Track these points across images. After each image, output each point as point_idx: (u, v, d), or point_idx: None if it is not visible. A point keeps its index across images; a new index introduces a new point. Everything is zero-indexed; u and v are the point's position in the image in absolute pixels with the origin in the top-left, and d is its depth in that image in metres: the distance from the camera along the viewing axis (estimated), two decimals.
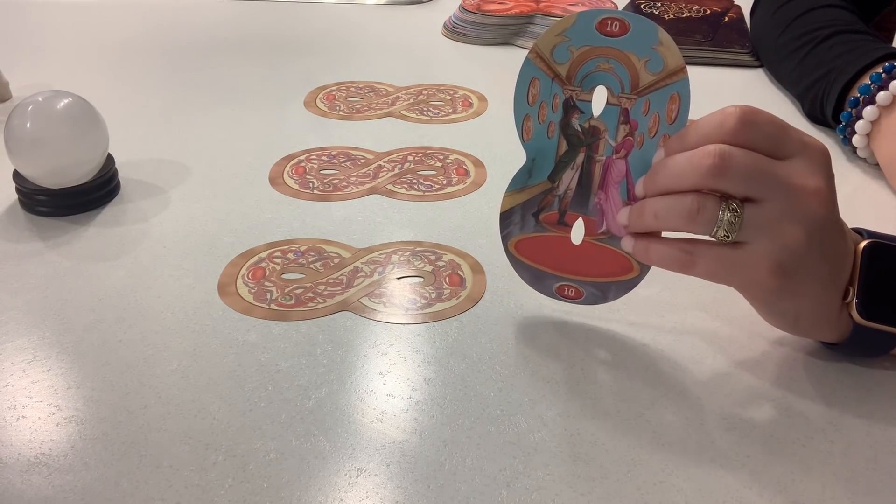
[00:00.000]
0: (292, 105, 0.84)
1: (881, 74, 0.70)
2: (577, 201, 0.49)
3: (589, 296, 0.52)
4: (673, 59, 0.44)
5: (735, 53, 0.96)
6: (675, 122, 0.45)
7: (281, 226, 0.63)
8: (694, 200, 0.43)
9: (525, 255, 0.51)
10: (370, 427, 0.45)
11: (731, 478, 0.42)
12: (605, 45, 0.45)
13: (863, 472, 0.43)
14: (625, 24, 0.45)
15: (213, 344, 0.51)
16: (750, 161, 0.42)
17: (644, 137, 0.46)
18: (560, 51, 0.46)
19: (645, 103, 0.46)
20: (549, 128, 0.48)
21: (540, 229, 0.50)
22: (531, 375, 0.49)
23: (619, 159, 0.47)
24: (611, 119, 0.47)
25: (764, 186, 0.42)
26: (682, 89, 0.45)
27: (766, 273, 0.43)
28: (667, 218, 0.44)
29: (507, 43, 1.03)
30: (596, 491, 0.41)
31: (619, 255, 0.49)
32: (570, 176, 0.48)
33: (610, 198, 0.48)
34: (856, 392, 0.48)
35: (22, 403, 0.46)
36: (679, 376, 0.49)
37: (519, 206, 0.50)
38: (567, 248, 0.50)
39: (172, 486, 0.41)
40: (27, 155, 0.63)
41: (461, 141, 0.76)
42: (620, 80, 0.46)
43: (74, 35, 1.04)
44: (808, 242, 0.42)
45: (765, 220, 0.42)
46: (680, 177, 0.43)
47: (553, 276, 0.52)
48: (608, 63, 0.46)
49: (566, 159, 0.48)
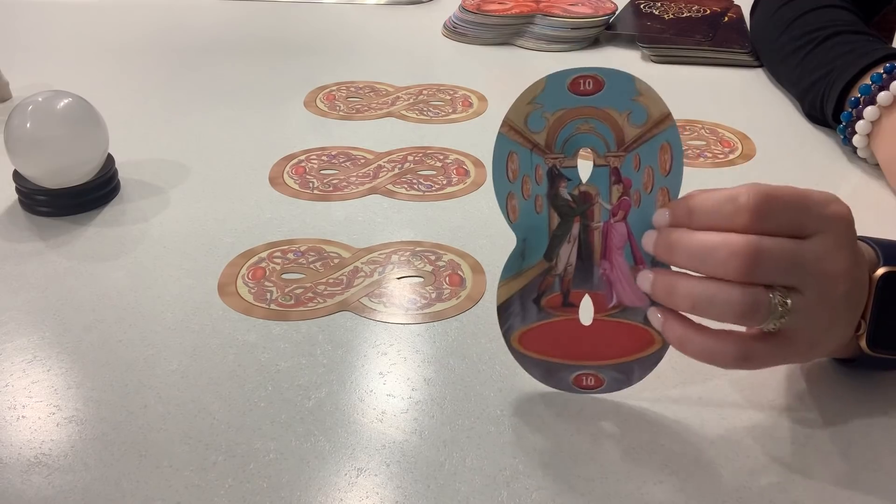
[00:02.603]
0: (292, 105, 0.84)
1: (882, 75, 0.70)
2: (581, 277, 0.44)
3: (611, 381, 0.47)
4: (656, 108, 0.42)
5: (735, 53, 0.95)
6: (671, 173, 0.42)
7: (281, 226, 0.63)
8: (745, 297, 0.39)
9: (532, 349, 0.46)
10: (370, 427, 0.45)
11: (731, 478, 0.42)
12: (582, 106, 0.42)
13: (863, 472, 0.43)
14: (599, 81, 0.41)
15: (213, 344, 0.51)
16: (779, 253, 0.39)
17: (641, 194, 0.43)
18: (535, 119, 0.42)
19: (635, 158, 0.42)
20: (535, 202, 0.44)
21: (544, 316, 0.45)
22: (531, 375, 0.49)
23: (619, 222, 0.43)
24: (602, 181, 0.43)
25: (799, 276, 0.40)
26: (672, 137, 0.42)
27: (803, 354, 0.43)
28: (710, 310, 0.40)
29: (507, 43, 1.03)
30: (596, 491, 0.41)
31: (636, 329, 0.45)
32: (567, 251, 0.44)
33: (616, 266, 0.44)
34: (856, 392, 0.48)
35: (22, 403, 0.46)
36: (679, 377, 0.49)
37: (517, 295, 0.45)
38: (578, 332, 0.45)
39: (172, 486, 0.41)
40: (27, 155, 0.63)
41: (461, 141, 0.76)
42: (604, 139, 0.42)
43: (74, 35, 1.04)
44: (834, 318, 0.42)
45: (804, 309, 0.40)
46: (706, 264, 0.40)
47: (568, 367, 0.46)
48: (588, 123, 0.42)
49: (560, 233, 0.44)
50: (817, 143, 0.77)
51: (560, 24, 1.00)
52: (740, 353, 0.41)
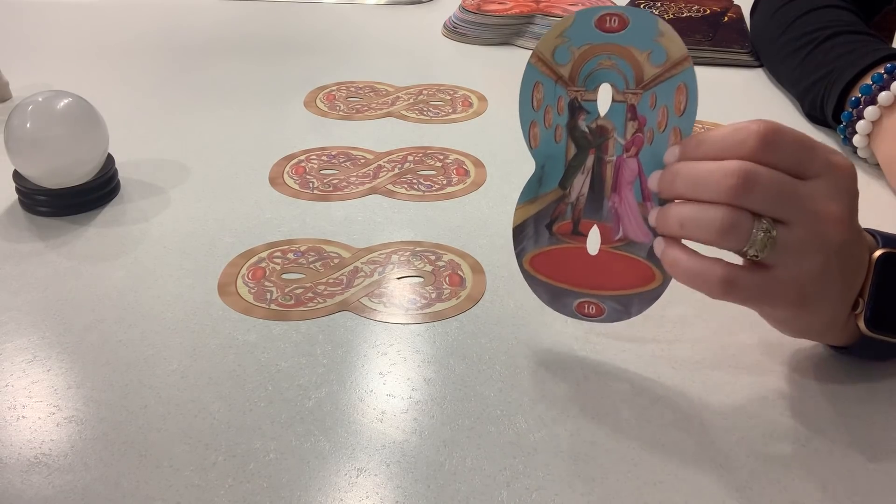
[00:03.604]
0: (292, 105, 0.84)
1: (883, 75, 0.70)
2: (591, 207, 0.47)
3: (611, 311, 0.49)
4: (676, 50, 0.43)
5: (735, 53, 0.96)
6: (685, 114, 0.44)
7: (281, 226, 0.63)
8: (726, 215, 0.40)
9: (542, 272, 0.49)
10: (370, 427, 0.45)
11: (731, 478, 0.42)
12: (606, 42, 0.44)
13: (863, 472, 0.43)
14: (624, 19, 0.44)
15: (213, 344, 0.51)
16: (774, 182, 0.40)
17: (654, 132, 0.44)
18: (561, 52, 0.45)
19: (651, 97, 0.44)
20: (556, 132, 0.46)
21: (555, 241, 0.48)
22: (531, 375, 0.49)
23: (631, 158, 0.45)
24: (618, 117, 0.45)
25: (789, 209, 0.41)
26: (689, 79, 0.43)
27: (791, 299, 0.42)
28: (693, 229, 0.42)
29: (507, 43, 1.03)
30: (596, 491, 0.41)
31: (639, 264, 0.47)
32: (581, 181, 0.47)
33: (624, 200, 0.46)
34: (856, 392, 0.48)
35: (22, 403, 0.46)
36: (679, 376, 0.49)
37: (532, 219, 0.48)
38: (584, 260, 0.48)
39: (172, 486, 0.41)
40: (27, 155, 0.63)
41: (461, 141, 0.76)
42: (624, 76, 0.44)
43: (74, 35, 1.04)
44: (826, 268, 0.42)
45: (791, 244, 0.41)
46: (700, 187, 0.41)
47: (572, 293, 0.49)
48: (610, 59, 0.44)
49: (576, 163, 0.46)
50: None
51: None
52: (726, 277, 0.41)
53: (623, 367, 0.49)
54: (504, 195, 0.68)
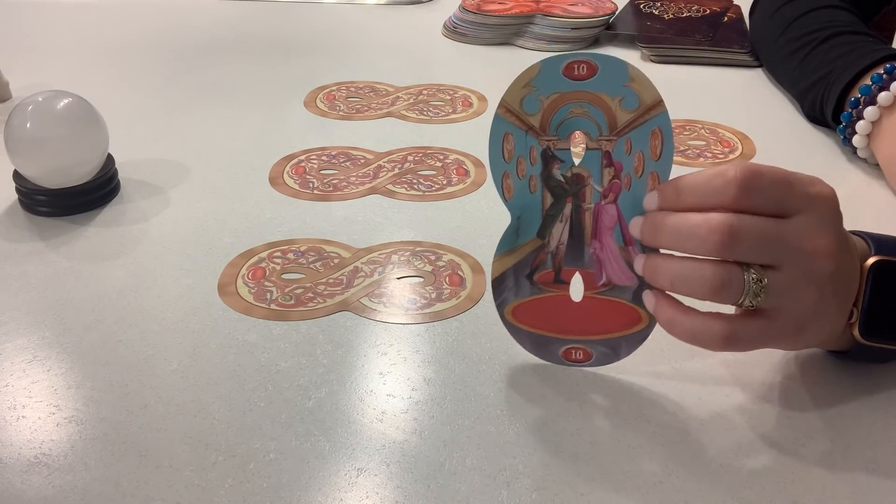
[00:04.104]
0: (292, 105, 0.84)
1: (882, 75, 0.70)
2: (572, 255, 0.46)
3: (599, 356, 0.48)
4: (648, 94, 0.43)
5: (734, 53, 0.96)
6: (662, 158, 0.43)
7: (281, 226, 0.63)
8: (717, 272, 0.40)
9: (524, 322, 0.48)
10: (370, 427, 0.45)
11: (731, 478, 0.42)
12: (575, 90, 0.43)
13: (863, 472, 0.43)
14: (592, 66, 0.43)
15: (213, 344, 0.51)
16: (759, 230, 0.40)
17: (631, 178, 0.44)
18: (529, 101, 0.44)
19: (626, 143, 0.44)
20: (530, 182, 0.45)
21: (536, 291, 0.47)
22: (531, 375, 0.49)
23: (609, 204, 0.45)
24: (593, 164, 0.44)
25: (776, 253, 0.41)
26: (663, 123, 0.43)
27: (791, 335, 0.43)
28: (684, 286, 0.42)
29: (507, 43, 1.03)
30: (596, 491, 0.41)
31: (624, 307, 0.46)
32: (559, 229, 0.46)
33: (606, 246, 0.46)
34: (856, 392, 0.48)
35: (22, 403, 0.46)
36: (679, 376, 0.49)
37: (511, 270, 0.47)
38: (568, 308, 0.47)
39: (172, 486, 0.41)
40: (27, 155, 0.63)
41: (461, 141, 0.76)
42: (597, 123, 0.44)
43: (74, 35, 1.04)
44: (822, 300, 0.42)
45: (784, 286, 0.41)
46: (686, 242, 0.41)
47: (557, 340, 0.48)
48: (581, 107, 0.44)
49: (553, 212, 0.46)
50: (817, 143, 0.77)
51: (560, 24, 1.00)
52: (726, 332, 0.41)
53: (623, 368, 0.49)
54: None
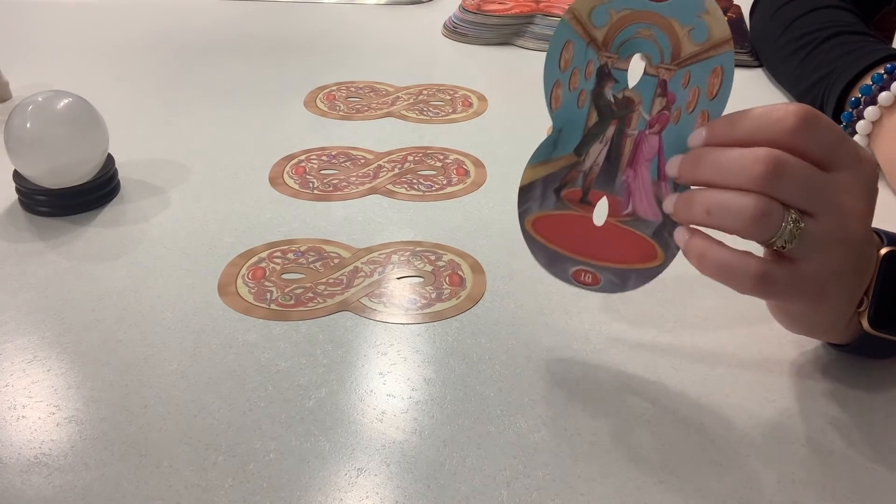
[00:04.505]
0: (292, 105, 0.84)
1: (883, 75, 0.70)
2: (603, 178, 0.45)
3: (606, 283, 0.48)
4: (719, 30, 0.41)
5: (735, 53, 0.95)
6: (717, 98, 0.42)
7: (281, 226, 0.63)
8: (759, 202, 0.39)
9: (542, 235, 0.47)
10: (370, 427, 0.45)
11: (731, 478, 0.42)
12: (648, 10, 0.42)
13: (863, 472, 0.43)
14: None
15: (213, 344, 0.51)
16: (804, 173, 0.40)
17: (681, 112, 0.43)
18: (599, 13, 0.42)
19: (685, 75, 0.42)
20: (579, 96, 0.44)
21: (561, 206, 0.46)
22: (531, 375, 0.49)
23: (653, 135, 0.44)
24: (647, 90, 0.43)
25: (816, 201, 0.40)
26: (727, 62, 0.42)
27: (813, 294, 0.42)
28: (722, 217, 0.40)
29: (507, 43, 1.03)
30: (596, 491, 0.41)
31: (642, 240, 0.46)
32: (597, 150, 0.45)
33: (639, 176, 0.44)
34: (855, 392, 0.48)
35: (22, 403, 0.46)
36: (679, 376, 0.49)
37: (540, 181, 0.46)
38: (588, 229, 0.47)
39: (172, 486, 0.41)
40: (27, 155, 0.63)
41: (461, 141, 0.76)
42: (661, 49, 0.42)
43: (74, 35, 1.04)
44: (846, 264, 0.42)
45: (817, 236, 0.40)
46: (727, 174, 0.40)
47: (570, 260, 0.48)
48: (649, 29, 0.42)
49: (595, 132, 0.45)
50: None
51: None
52: (760, 271, 0.40)
53: (623, 367, 0.49)
54: (504, 195, 0.68)
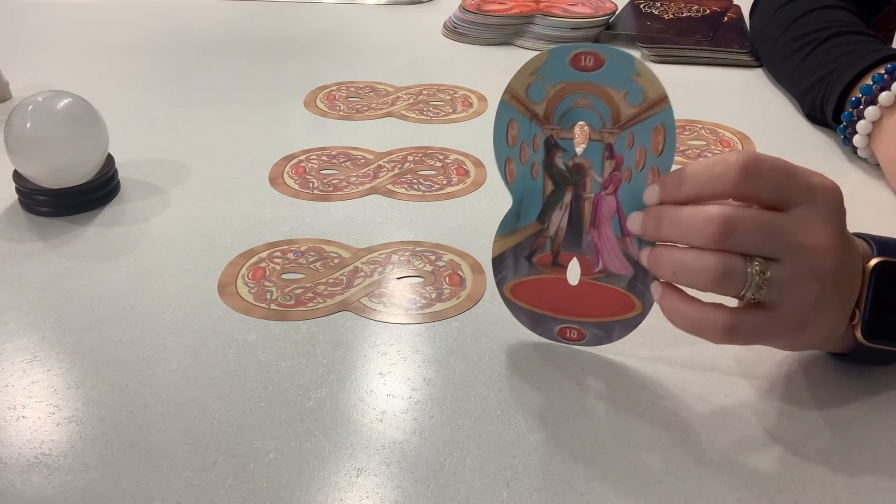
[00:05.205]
0: (292, 105, 0.84)
1: (883, 75, 0.70)
2: (570, 241, 0.47)
3: (592, 337, 0.49)
4: (653, 90, 0.42)
5: (734, 53, 0.95)
6: (663, 154, 0.43)
7: (281, 226, 0.63)
8: (719, 262, 0.40)
9: (522, 300, 0.50)
10: (370, 427, 0.45)
11: (731, 478, 0.42)
12: (581, 81, 0.44)
13: (863, 472, 0.43)
14: (599, 58, 0.43)
15: (213, 344, 0.51)
16: (756, 223, 0.40)
17: (632, 171, 0.44)
18: (535, 89, 0.44)
19: (629, 136, 0.44)
20: (532, 168, 0.46)
21: (535, 272, 0.48)
22: (531, 375, 0.49)
23: (609, 195, 0.45)
24: (595, 155, 0.45)
25: (776, 246, 0.41)
26: (667, 120, 0.43)
27: (792, 331, 0.43)
28: (686, 277, 0.42)
29: (507, 43, 1.03)
30: (596, 491, 0.41)
31: (618, 294, 0.47)
32: (559, 216, 0.47)
33: (603, 235, 0.46)
34: (856, 392, 0.48)
35: (22, 403, 0.46)
36: (679, 376, 0.49)
37: (511, 250, 0.48)
38: (565, 290, 0.48)
39: (172, 486, 0.41)
40: (27, 155, 0.63)
41: (461, 141, 0.76)
42: (601, 115, 0.44)
43: (74, 35, 1.04)
44: (823, 295, 0.42)
45: (786, 280, 0.41)
46: (685, 234, 0.41)
47: (553, 319, 0.49)
48: (586, 98, 0.44)
49: (554, 199, 0.46)
50: (817, 143, 0.77)
51: (560, 24, 1.00)
52: (728, 322, 0.41)
53: (623, 368, 0.49)
54: (504, 195, 0.67)
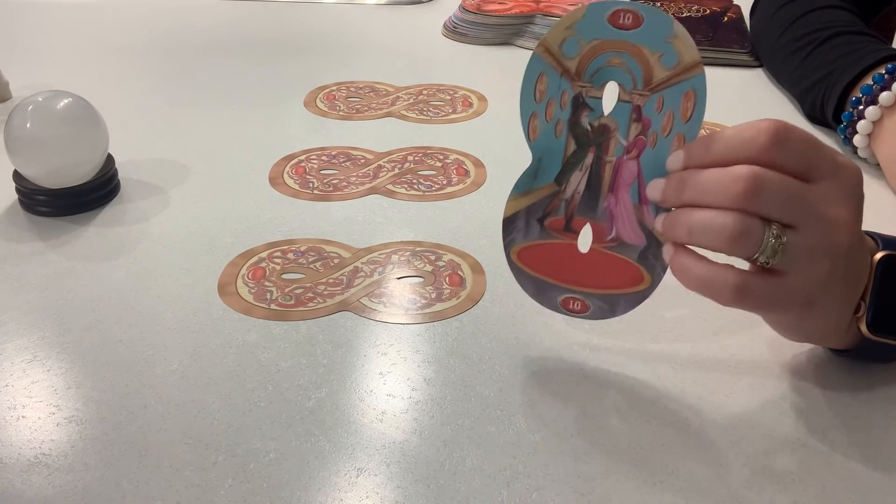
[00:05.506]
0: (292, 105, 0.84)
1: (884, 75, 0.70)
2: (585, 206, 0.46)
3: (596, 309, 0.48)
4: (688, 54, 0.42)
5: (734, 53, 0.95)
6: (691, 120, 0.43)
7: (281, 226, 0.63)
8: (737, 221, 0.39)
9: (528, 265, 0.48)
10: (370, 427, 0.45)
11: (731, 478, 0.42)
12: (617, 39, 0.43)
13: (863, 472, 0.43)
14: (638, 17, 0.42)
15: (213, 344, 0.51)
16: (783, 187, 0.40)
17: (657, 136, 0.43)
18: (570, 45, 0.43)
19: (658, 100, 0.43)
20: (556, 126, 0.45)
21: (545, 236, 0.47)
22: (531, 375, 0.49)
23: (631, 160, 0.44)
24: (622, 117, 0.44)
25: (798, 214, 0.40)
26: (699, 85, 0.42)
27: (799, 304, 0.42)
28: (703, 236, 0.41)
29: (507, 43, 1.03)
30: (596, 491, 0.41)
31: (628, 265, 0.46)
32: (577, 178, 0.45)
33: (620, 201, 0.45)
34: (856, 392, 0.48)
35: (22, 403, 0.46)
36: (679, 376, 0.49)
37: (523, 211, 0.47)
38: (573, 257, 0.47)
39: (172, 486, 0.41)
40: (27, 155, 0.63)
41: (461, 141, 0.76)
42: (633, 76, 0.43)
43: (74, 35, 1.04)
44: (834, 273, 0.41)
45: (801, 249, 0.40)
46: (708, 194, 0.41)
47: (558, 288, 0.48)
48: (620, 57, 0.43)
49: (574, 160, 0.45)
50: None
51: None
52: (738, 283, 0.41)
53: (623, 367, 0.49)
54: (504, 195, 0.68)
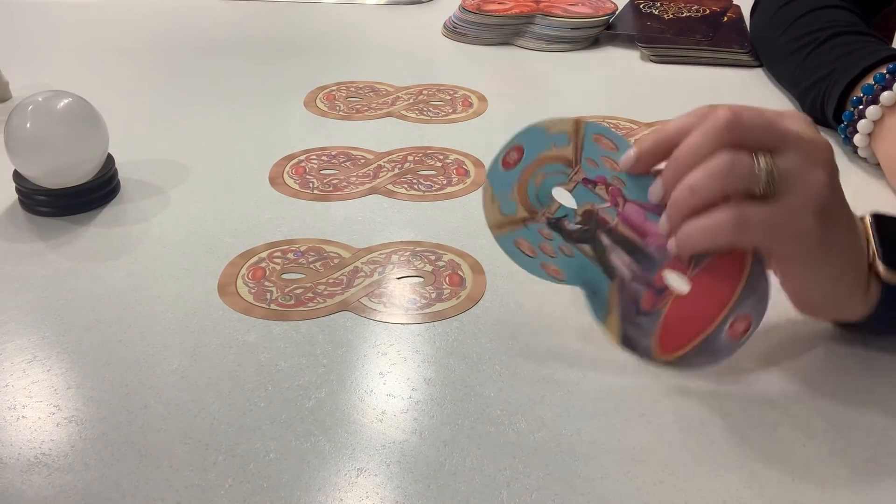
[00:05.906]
0: (292, 105, 0.84)
1: (885, 75, 0.70)
2: (645, 265, 0.47)
3: (749, 309, 0.46)
4: (567, 126, 0.47)
5: (734, 53, 0.95)
6: (620, 149, 0.47)
7: (281, 226, 0.63)
8: (724, 155, 0.42)
9: (680, 346, 0.47)
10: (370, 427, 0.45)
11: (731, 478, 0.42)
12: (519, 174, 0.48)
13: (863, 472, 0.43)
14: (518, 148, 0.48)
15: (213, 344, 0.51)
16: (758, 113, 0.43)
17: (617, 175, 0.47)
18: (506, 207, 0.49)
19: (589, 162, 0.48)
20: (562, 253, 0.49)
21: (655, 316, 0.47)
22: (531, 375, 0.49)
23: (628, 204, 0.47)
24: (586, 195, 0.48)
25: (779, 137, 0.43)
26: (595, 129, 0.47)
27: (812, 218, 0.43)
28: (704, 184, 0.43)
29: (507, 43, 1.03)
30: (596, 491, 0.41)
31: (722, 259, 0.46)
32: (618, 257, 0.48)
33: (654, 233, 0.47)
34: (856, 392, 0.48)
35: (22, 403, 0.46)
36: (679, 376, 0.49)
37: (623, 325, 0.48)
38: (690, 301, 0.47)
39: (172, 486, 0.41)
40: (27, 155, 0.63)
41: (461, 141, 0.76)
42: (560, 172, 0.48)
43: (74, 35, 1.04)
44: (833, 184, 0.44)
45: (793, 168, 0.43)
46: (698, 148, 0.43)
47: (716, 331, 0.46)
48: (537, 174, 0.48)
49: (600, 252, 0.48)
50: None
51: (560, 24, 1.00)
52: (736, 216, 0.43)
53: (623, 367, 0.49)
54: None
